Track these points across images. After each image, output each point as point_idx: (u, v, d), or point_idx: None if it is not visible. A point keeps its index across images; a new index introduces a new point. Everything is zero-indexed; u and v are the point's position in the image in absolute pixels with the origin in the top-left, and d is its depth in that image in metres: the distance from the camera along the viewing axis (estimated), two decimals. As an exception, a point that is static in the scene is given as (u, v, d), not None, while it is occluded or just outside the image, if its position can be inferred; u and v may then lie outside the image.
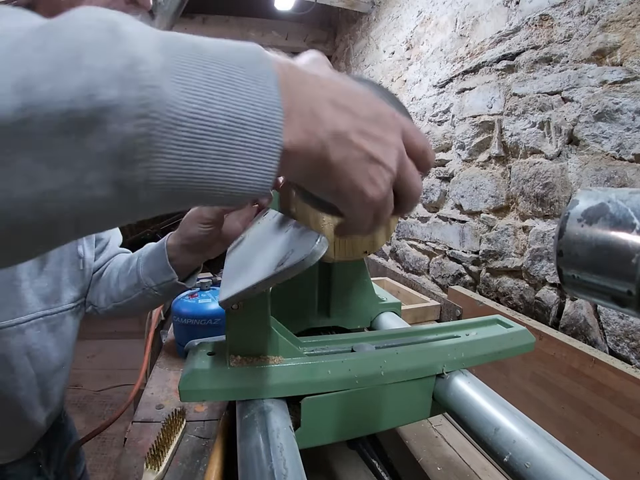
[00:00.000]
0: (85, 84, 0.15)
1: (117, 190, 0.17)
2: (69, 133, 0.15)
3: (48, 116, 0.15)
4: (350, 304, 0.56)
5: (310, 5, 2.07)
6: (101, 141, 0.16)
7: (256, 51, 0.19)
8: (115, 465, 0.94)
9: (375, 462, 0.43)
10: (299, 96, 0.20)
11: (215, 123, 0.17)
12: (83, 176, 0.16)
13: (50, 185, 0.16)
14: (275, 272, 0.24)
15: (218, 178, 0.18)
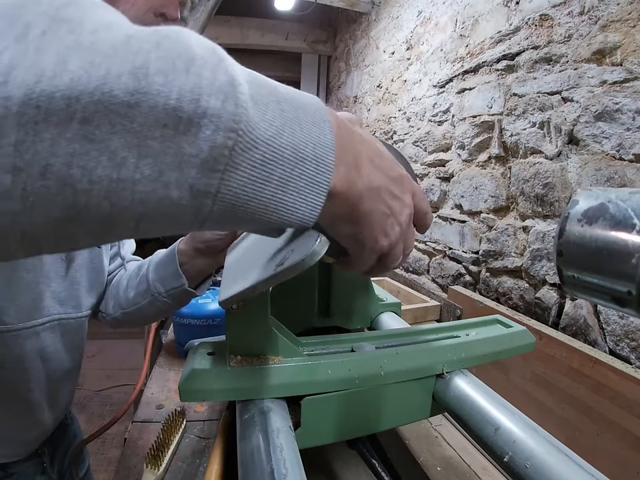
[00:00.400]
0: (193, 88, 0.16)
1: (189, 195, 0.17)
2: (166, 128, 0.16)
3: (153, 108, 0.15)
4: (350, 304, 0.56)
5: (310, 4, 2.07)
6: (192, 143, 0.16)
7: (315, 98, 0.22)
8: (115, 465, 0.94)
9: (375, 462, 0.43)
10: (347, 148, 0.22)
11: (283, 153, 0.19)
12: (165, 172, 0.16)
13: (131, 174, 0.16)
14: (274, 272, 0.24)
15: (275, 203, 0.19)
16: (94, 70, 0.15)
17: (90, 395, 2.30)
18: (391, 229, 0.25)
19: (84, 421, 2.07)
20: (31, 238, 0.16)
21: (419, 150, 1.45)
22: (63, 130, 0.14)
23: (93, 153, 0.15)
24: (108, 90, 0.15)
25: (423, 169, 1.41)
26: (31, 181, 0.14)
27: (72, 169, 0.15)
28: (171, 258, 0.52)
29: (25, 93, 0.14)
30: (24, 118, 0.14)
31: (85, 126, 0.15)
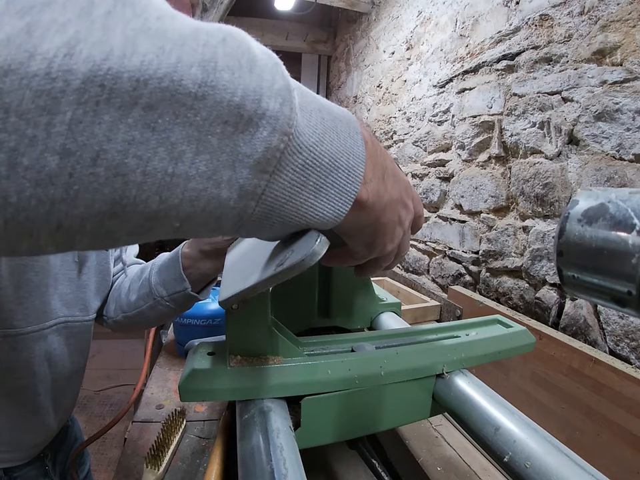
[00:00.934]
0: (256, 88, 0.16)
1: (237, 195, 0.17)
2: (227, 125, 0.16)
3: (218, 103, 0.15)
4: (350, 304, 0.56)
5: (310, 5, 2.07)
6: (248, 143, 0.16)
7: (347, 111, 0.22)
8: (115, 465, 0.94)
9: (375, 462, 0.43)
10: (377, 162, 0.23)
11: (321, 160, 0.19)
12: (219, 171, 0.16)
13: (187, 169, 0.15)
14: (274, 272, 0.24)
15: (306, 207, 0.20)
16: (164, 56, 0.14)
17: (90, 395, 2.30)
18: (398, 235, 0.26)
19: (84, 420, 2.07)
20: (66, 231, 0.15)
21: (419, 150, 1.45)
22: (124, 114, 0.14)
23: (152, 143, 0.14)
24: (177, 78, 0.14)
25: (423, 169, 1.41)
26: (80, 167, 0.13)
27: (127, 158, 0.14)
28: (174, 261, 0.52)
29: (90, 69, 0.13)
30: (85, 95, 0.13)
31: (149, 113, 0.14)
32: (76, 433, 0.67)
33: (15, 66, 0.12)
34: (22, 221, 0.13)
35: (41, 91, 0.12)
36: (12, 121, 0.12)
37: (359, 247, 0.26)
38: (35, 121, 0.12)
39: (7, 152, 0.12)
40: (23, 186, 0.13)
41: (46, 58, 0.12)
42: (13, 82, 0.12)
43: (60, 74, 0.12)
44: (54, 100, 0.12)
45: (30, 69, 0.12)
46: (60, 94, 0.12)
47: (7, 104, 0.12)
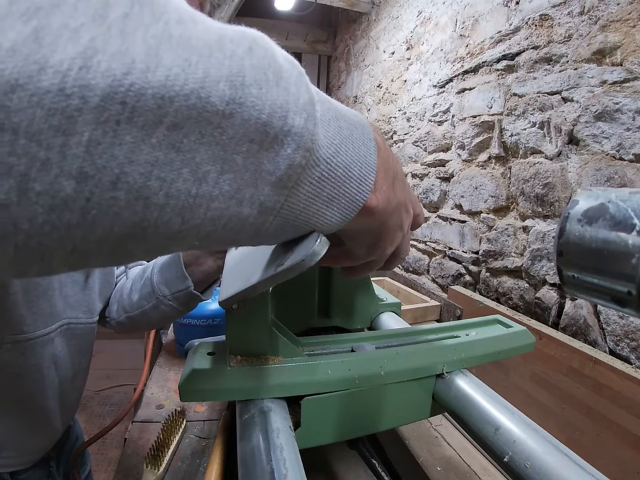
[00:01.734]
0: (282, 104, 0.15)
1: (258, 212, 0.17)
2: (253, 143, 0.15)
3: (246, 121, 0.14)
4: (350, 304, 0.56)
5: (310, 4, 2.07)
6: (272, 160, 0.16)
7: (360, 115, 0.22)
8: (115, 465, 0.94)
9: (375, 462, 0.43)
10: (388, 169, 0.23)
11: (336, 171, 0.19)
12: (241, 189, 0.15)
13: (210, 190, 0.15)
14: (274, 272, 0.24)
15: (318, 216, 0.19)
16: (191, 70, 0.13)
17: (90, 395, 2.30)
18: (398, 239, 0.26)
19: (84, 420, 2.07)
20: (80, 254, 0.14)
21: (419, 150, 1.45)
22: (147, 134, 0.12)
23: (176, 164, 0.13)
24: (205, 95, 0.13)
25: (422, 169, 1.41)
26: (99, 191, 0.12)
27: (150, 180, 0.13)
28: (176, 260, 0.52)
29: (110, 84, 0.11)
30: (104, 114, 0.12)
31: (174, 132, 0.13)
32: (77, 432, 0.67)
33: (23, 80, 0.10)
34: (34, 246, 0.12)
35: (55, 109, 0.11)
36: (21, 143, 0.11)
37: (360, 249, 0.26)
38: (48, 142, 0.11)
39: (16, 177, 0.11)
40: (35, 212, 0.12)
41: (59, 71, 0.11)
42: (22, 99, 0.11)
43: (76, 90, 0.11)
44: (69, 119, 0.11)
45: (41, 83, 0.11)
46: (76, 112, 0.11)
47: (16, 124, 0.11)
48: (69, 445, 0.62)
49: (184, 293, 0.51)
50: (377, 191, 0.21)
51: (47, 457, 0.54)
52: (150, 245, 0.15)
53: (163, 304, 0.52)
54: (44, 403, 0.48)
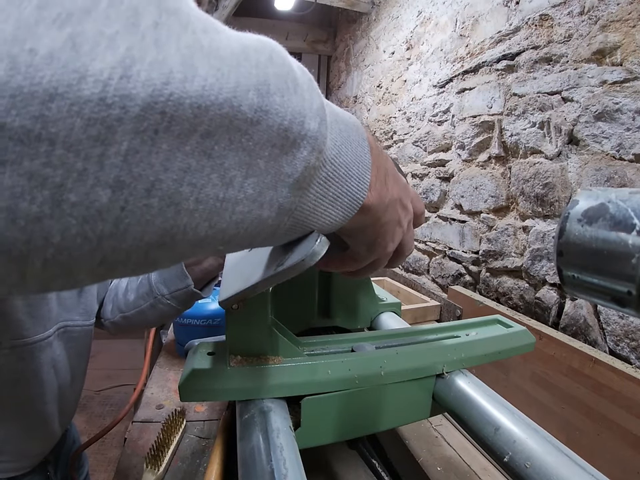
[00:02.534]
0: (300, 110, 0.16)
1: (275, 214, 0.17)
2: (275, 147, 0.16)
3: (270, 127, 0.15)
4: (350, 304, 0.56)
5: (310, 4, 2.07)
6: (290, 163, 0.16)
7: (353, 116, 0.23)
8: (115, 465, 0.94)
9: (375, 462, 0.43)
10: (380, 166, 0.23)
11: (339, 171, 0.20)
12: (263, 192, 0.16)
13: (236, 194, 0.15)
14: (274, 272, 0.24)
15: (324, 216, 0.20)
16: (224, 80, 0.13)
17: (90, 395, 2.30)
18: (398, 235, 0.26)
19: (84, 421, 2.07)
20: (109, 265, 0.13)
21: (419, 150, 1.45)
22: (182, 142, 0.13)
23: (207, 170, 0.14)
24: (237, 104, 0.14)
25: (422, 169, 1.41)
26: (133, 199, 0.12)
27: (182, 187, 0.13)
28: None
29: (151, 94, 0.11)
30: (144, 124, 0.12)
31: (206, 140, 0.13)
32: (74, 435, 0.66)
33: (63, 89, 0.10)
34: (63, 260, 0.12)
35: (95, 119, 0.11)
36: (58, 154, 0.11)
37: (360, 248, 0.26)
38: (87, 152, 0.11)
39: (51, 189, 0.11)
40: (69, 224, 0.11)
41: (99, 80, 0.11)
42: (61, 108, 0.10)
43: (117, 99, 0.11)
44: (109, 129, 0.11)
45: (82, 92, 0.10)
46: (116, 122, 0.11)
47: (54, 134, 0.10)
48: (66, 449, 0.62)
49: (183, 291, 0.51)
50: (371, 188, 0.22)
51: (45, 462, 0.54)
52: (176, 253, 0.15)
53: (161, 303, 0.52)
54: (43, 408, 0.48)
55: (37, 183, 0.11)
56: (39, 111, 0.10)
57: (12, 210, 0.11)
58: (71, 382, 0.52)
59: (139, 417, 0.64)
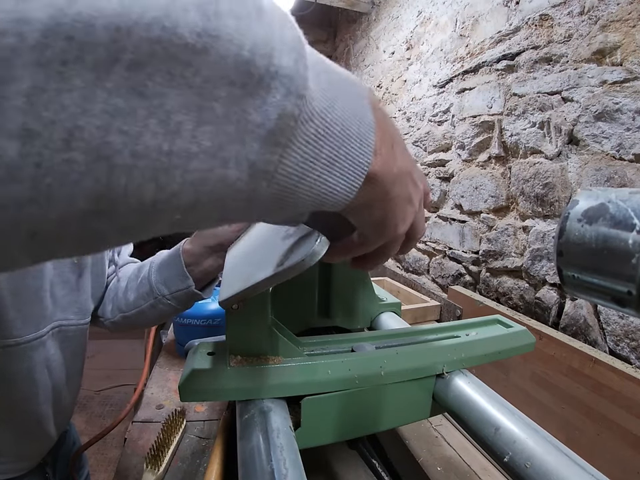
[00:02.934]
0: (266, 40, 0.13)
1: (247, 175, 0.14)
2: (234, 86, 0.12)
3: (223, 57, 0.12)
4: (350, 304, 0.56)
5: (310, 4, 2.07)
6: (258, 109, 0.13)
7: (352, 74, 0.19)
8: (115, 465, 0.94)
9: (375, 462, 0.43)
10: (385, 130, 0.20)
11: (333, 129, 0.16)
12: (225, 146, 0.13)
13: (187, 146, 0.12)
14: (275, 272, 0.24)
15: (319, 184, 0.17)
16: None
17: (90, 395, 2.30)
18: (410, 215, 0.23)
19: (84, 421, 2.07)
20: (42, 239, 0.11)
21: (419, 150, 1.45)
22: (102, 76, 0.10)
23: (141, 113, 0.11)
24: (171, 25, 0.11)
25: (423, 169, 1.41)
26: (50, 153, 0.10)
27: (110, 135, 0.11)
28: (175, 258, 0.51)
29: (52, 16, 0.09)
30: (46, 53, 0.09)
31: (134, 73, 0.11)
32: (73, 436, 0.66)
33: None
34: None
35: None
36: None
37: (368, 229, 0.23)
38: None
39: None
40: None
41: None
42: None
43: (10, 26, 0.09)
44: (4, 63, 0.09)
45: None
46: (11, 54, 0.09)
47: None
48: (65, 450, 0.61)
49: (184, 292, 0.51)
50: (376, 154, 0.19)
51: (43, 463, 0.54)
52: (123, 223, 0.13)
53: (162, 303, 0.51)
54: (37, 408, 0.47)
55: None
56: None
57: None
58: (66, 382, 0.52)
59: (139, 417, 0.64)
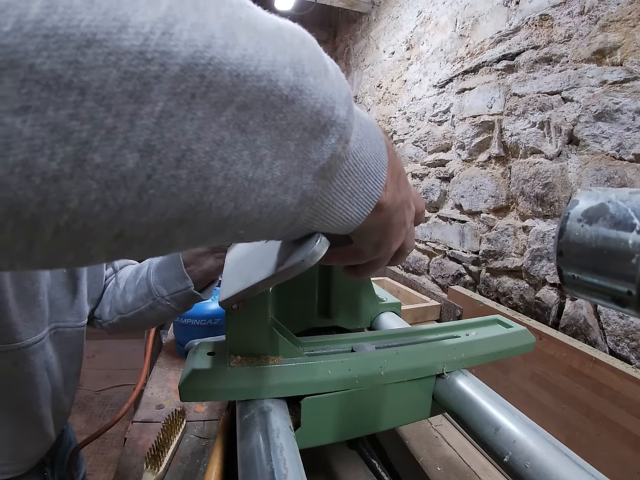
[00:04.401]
0: (331, 95, 0.16)
1: (298, 201, 0.17)
2: (306, 131, 0.15)
3: (304, 108, 0.15)
4: (350, 304, 0.56)
5: (310, 4, 2.07)
6: (318, 149, 0.16)
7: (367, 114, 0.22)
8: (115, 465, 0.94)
9: (375, 462, 0.43)
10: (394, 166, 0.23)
11: (359, 166, 0.19)
12: (289, 176, 0.16)
13: (264, 175, 0.15)
14: (275, 272, 0.24)
15: (341, 212, 0.20)
16: (262, 52, 0.13)
17: (90, 395, 2.30)
18: (402, 235, 0.26)
19: (84, 420, 2.07)
20: (125, 240, 0.13)
21: (419, 150, 1.45)
22: (218, 112, 0.12)
23: (239, 145, 0.13)
24: (275, 78, 0.13)
25: (423, 169, 1.41)
26: (162, 168, 0.12)
27: (213, 160, 0.13)
28: (174, 260, 0.51)
29: (192, 55, 0.11)
30: (182, 86, 0.11)
31: (242, 112, 0.13)
32: (70, 436, 0.66)
33: (101, 36, 0.10)
34: (77, 229, 0.11)
35: (132, 72, 0.10)
36: (88, 106, 0.10)
37: (367, 247, 0.26)
38: (118, 109, 0.10)
39: (75, 145, 0.10)
40: (89, 188, 0.11)
41: (140, 33, 0.10)
42: (98, 56, 0.10)
43: (157, 55, 0.10)
44: (145, 86, 0.10)
45: (121, 42, 0.10)
46: (154, 79, 0.10)
47: (85, 84, 0.10)
48: (63, 450, 0.61)
49: (183, 293, 0.51)
50: (386, 188, 0.22)
51: (42, 463, 0.54)
52: (196, 234, 0.15)
53: (161, 304, 0.51)
54: (37, 411, 0.47)
55: (60, 136, 0.10)
56: (73, 56, 0.09)
57: (28, 165, 0.10)
58: (64, 384, 0.52)
59: (139, 417, 0.64)
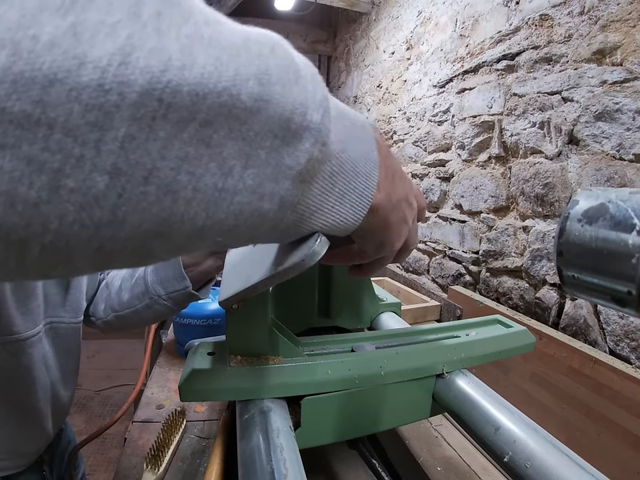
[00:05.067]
0: (302, 100, 0.16)
1: (277, 207, 0.17)
2: (276, 138, 0.16)
3: (271, 117, 0.15)
4: (350, 304, 0.56)
5: (310, 4, 2.07)
6: (291, 155, 0.16)
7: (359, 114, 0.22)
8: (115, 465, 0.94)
9: (375, 462, 0.43)
10: (388, 165, 0.23)
11: (345, 167, 0.20)
12: (263, 184, 0.16)
13: (235, 184, 0.15)
14: (275, 272, 0.24)
15: (332, 214, 0.20)
16: (223, 68, 0.13)
17: (90, 395, 2.30)
18: (405, 233, 0.26)
19: (84, 420, 2.07)
20: (105, 253, 0.14)
21: (419, 150, 1.45)
22: (180, 130, 0.13)
23: (205, 159, 0.14)
24: (236, 92, 0.14)
25: (423, 169, 1.41)
26: (131, 186, 0.12)
27: (179, 175, 0.13)
28: (173, 260, 0.51)
29: (149, 81, 0.12)
30: (141, 110, 0.12)
31: (205, 129, 0.13)
32: (69, 435, 0.66)
33: (62, 75, 0.11)
34: (61, 247, 0.12)
35: (93, 104, 0.11)
36: (57, 138, 0.11)
37: (369, 247, 0.26)
38: (84, 138, 0.11)
39: (49, 174, 0.11)
40: (66, 210, 0.12)
41: (98, 67, 0.11)
42: (60, 94, 0.11)
43: (115, 85, 0.11)
44: (107, 115, 0.11)
45: (80, 79, 0.11)
46: (114, 108, 0.11)
47: (52, 119, 0.11)
48: (61, 449, 0.61)
49: (181, 292, 0.50)
50: (379, 187, 0.22)
51: (40, 461, 0.54)
52: (173, 244, 0.15)
53: (157, 303, 0.51)
54: (36, 405, 0.47)
55: (35, 167, 0.11)
56: (39, 96, 0.10)
57: (11, 194, 0.11)
58: (62, 380, 0.52)
59: (139, 417, 0.64)
